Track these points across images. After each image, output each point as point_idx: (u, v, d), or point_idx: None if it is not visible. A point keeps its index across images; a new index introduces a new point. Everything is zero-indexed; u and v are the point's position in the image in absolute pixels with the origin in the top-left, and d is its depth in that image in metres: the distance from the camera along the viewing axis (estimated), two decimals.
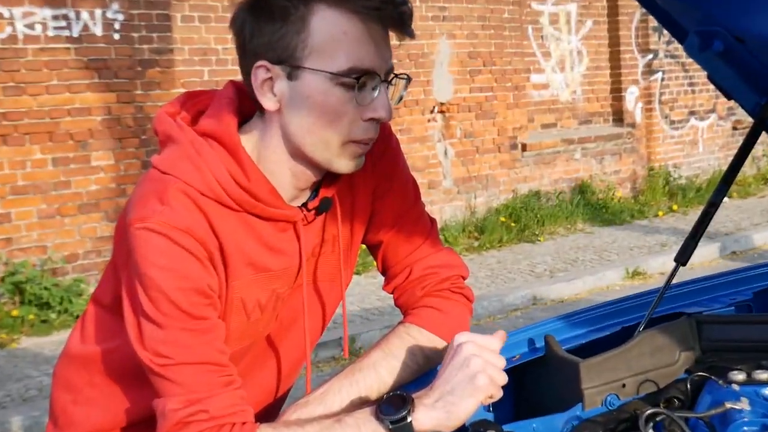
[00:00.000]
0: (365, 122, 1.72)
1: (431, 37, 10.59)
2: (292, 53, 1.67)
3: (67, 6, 8.04)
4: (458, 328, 1.90)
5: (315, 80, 1.68)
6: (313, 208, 1.85)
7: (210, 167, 1.72)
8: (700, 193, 12.85)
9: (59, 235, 8.13)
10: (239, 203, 1.75)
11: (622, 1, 12.53)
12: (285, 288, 1.89)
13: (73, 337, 2.00)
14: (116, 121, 8.35)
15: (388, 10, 1.66)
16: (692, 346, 2.01)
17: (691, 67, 13.34)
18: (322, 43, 1.66)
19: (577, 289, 8.72)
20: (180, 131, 1.76)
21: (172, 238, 1.66)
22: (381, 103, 1.72)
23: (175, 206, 1.68)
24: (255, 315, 1.85)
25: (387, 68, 1.72)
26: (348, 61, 1.66)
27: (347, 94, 1.68)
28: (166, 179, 1.72)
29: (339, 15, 1.65)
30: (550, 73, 12.12)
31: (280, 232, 1.82)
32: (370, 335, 7.17)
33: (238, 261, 1.76)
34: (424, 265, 2.01)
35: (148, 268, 1.66)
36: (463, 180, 10.97)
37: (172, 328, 1.68)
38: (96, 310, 1.95)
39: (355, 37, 1.66)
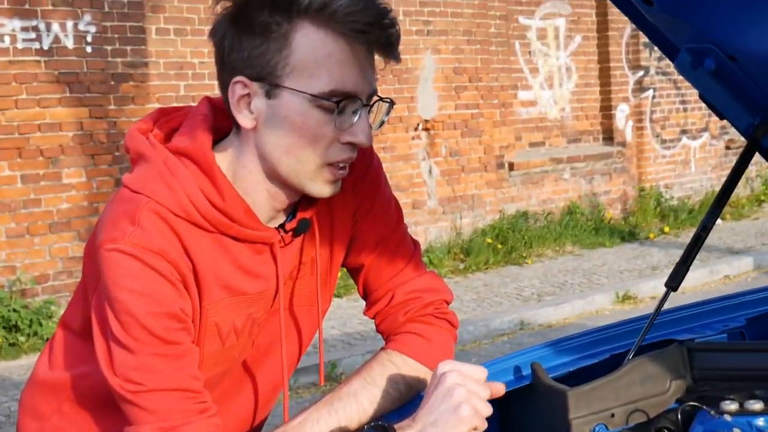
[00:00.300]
0: (343, 145, 1.71)
1: (415, 52, 10.58)
2: (271, 71, 1.66)
3: (38, 17, 8.01)
4: (442, 354, 1.91)
5: (294, 100, 1.67)
6: (291, 229, 1.84)
7: (183, 187, 1.71)
8: (693, 214, 12.94)
9: (29, 255, 8.07)
10: (213, 224, 1.73)
11: (612, 16, 12.57)
12: (261, 312, 1.87)
13: (41, 362, 1.98)
14: (88, 136, 8.31)
15: (375, 34, 1.65)
16: (683, 375, 2.00)
17: (683, 84, 13.40)
18: (304, 62, 1.65)
19: (565, 313, 8.73)
20: (152, 149, 1.75)
21: (144, 260, 1.66)
22: (361, 128, 1.70)
23: (147, 227, 1.67)
24: (230, 340, 1.84)
25: (370, 92, 1.71)
26: (330, 83, 1.65)
27: (326, 116, 1.67)
28: (137, 199, 1.71)
29: (324, 35, 1.64)
30: (538, 90, 12.15)
31: (256, 255, 1.81)
32: (352, 360, 7.14)
33: (213, 284, 1.75)
34: (407, 289, 1.99)
35: (118, 292, 1.66)
36: (448, 200, 10.96)
37: (143, 354, 1.67)
38: (65, 335, 1.94)
39: (339, 60, 1.65)
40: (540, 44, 12.12)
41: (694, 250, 2.14)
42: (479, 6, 11.12)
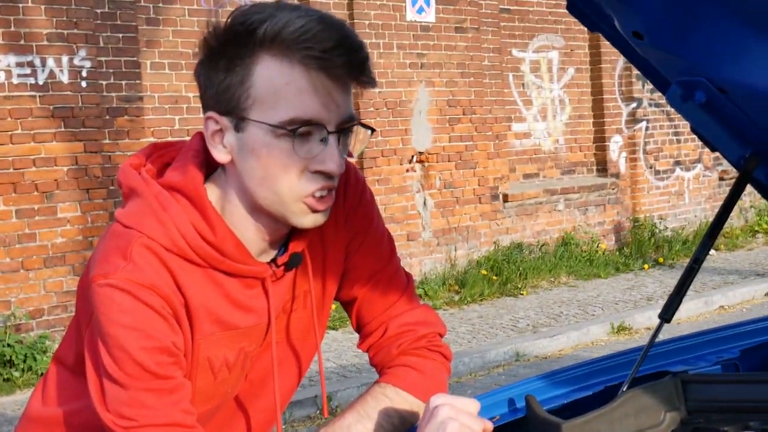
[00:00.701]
0: (314, 174, 1.68)
1: (409, 84, 10.58)
2: (236, 104, 1.66)
3: (33, 53, 8.00)
4: (435, 387, 1.90)
5: (258, 132, 1.66)
6: (283, 263, 1.82)
7: (175, 222, 1.71)
8: (687, 245, 12.92)
9: (23, 290, 8.05)
10: (205, 259, 1.73)
11: (605, 48, 12.58)
12: (254, 346, 1.86)
13: (34, 398, 1.96)
14: (83, 171, 8.30)
15: (336, 59, 1.63)
16: (678, 407, 1.98)
17: (676, 116, 13.36)
18: (265, 94, 1.65)
19: (561, 344, 8.70)
20: (144, 184, 1.74)
21: (136, 295, 1.65)
22: (329, 156, 1.67)
23: (139, 262, 1.67)
24: (222, 374, 1.83)
25: (339, 119, 1.68)
26: (289, 112, 1.64)
27: (291, 146, 1.65)
28: (129, 234, 1.70)
29: (281, 65, 1.63)
30: (532, 122, 12.16)
31: (247, 289, 1.79)
32: (348, 393, 7.10)
33: (205, 318, 1.74)
34: (400, 322, 1.98)
35: (110, 327, 1.65)
36: (443, 232, 10.93)
37: (135, 389, 1.65)
38: (58, 370, 1.92)
39: (298, 88, 1.64)
40: (533, 77, 12.15)
41: (687, 281, 2.13)
42: (473, 39, 11.15)
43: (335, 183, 1.71)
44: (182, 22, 9.00)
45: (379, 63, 10.19)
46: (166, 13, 8.92)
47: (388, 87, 10.33)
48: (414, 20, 10.64)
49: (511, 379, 7.57)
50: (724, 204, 2.16)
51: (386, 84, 10.31)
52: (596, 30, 2.11)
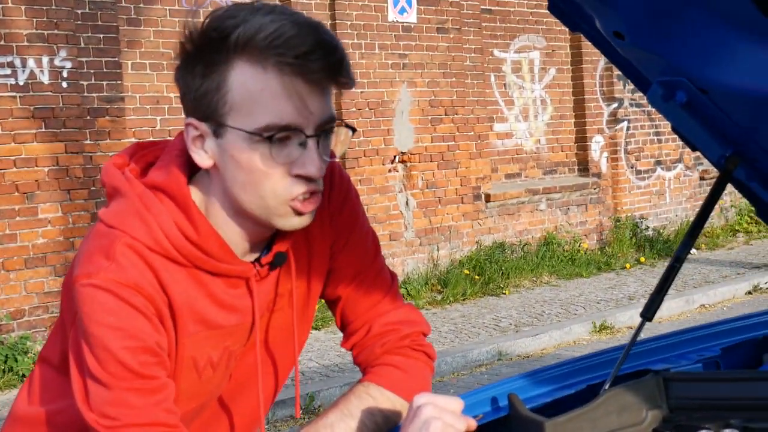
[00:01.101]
0: (295, 178, 1.67)
1: (391, 85, 10.58)
2: (214, 110, 1.66)
3: (13, 53, 7.96)
4: (419, 386, 1.91)
5: (236, 139, 1.65)
6: (267, 263, 1.82)
7: (158, 221, 1.71)
8: (668, 244, 12.94)
9: (4, 291, 8.01)
10: (188, 259, 1.72)
11: (586, 48, 12.61)
12: (238, 345, 1.86)
13: (20, 397, 1.96)
14: (64, 171, 8.27)
15: (312, 63, 1.61)
16: (659, 405, 1.98)
17: (656, 116, 13.42)
18: (240, 100, 1.64)
19: (543, 344, 8.70)
20: (127, 184, 1.74)
21: (119, 294, 1.65)
22: (309, 159, 1.66)
23: (122, 262, 1.67)
24: (207, 373, 1.83)
25: (317, 122, 1.67)
26: (265, 118, 1.63)
27: (269, 152, 1.65)
28: (112, 234, 1.70)
29: (255, 71, 1.62)
30: (514, 122, 12.17)
31: (231, 288, 1.79)
32: (330, 393, 7.10)
33: (188, 318, 1.74)
34: (384, 321, 1.98)
35: (94, 327, 1.65)
36: (425, 231, 10.94)
37: (119, 389, 1.65)
38: (43, 370, 1.92)
39: (272, 93, 1.63)
40: (515, 77, 12.16)
41: (668, 280, 2.13)
42: (454, 39, 11.16)
43: (319, 185, 1.71)
44: (163, 23, 8.97)
45: (360, 63, 10.19)
46: (147, 14, 8.89)
47: (370, 87, 10.33)
48: (396, 21, 10.64)
49: (494, 378, 7.58)
50: (705, 203, 2.17)
51: (368, 84, 10.30)
52: (577, 30, 2.11)
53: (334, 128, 1.72)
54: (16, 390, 7.45)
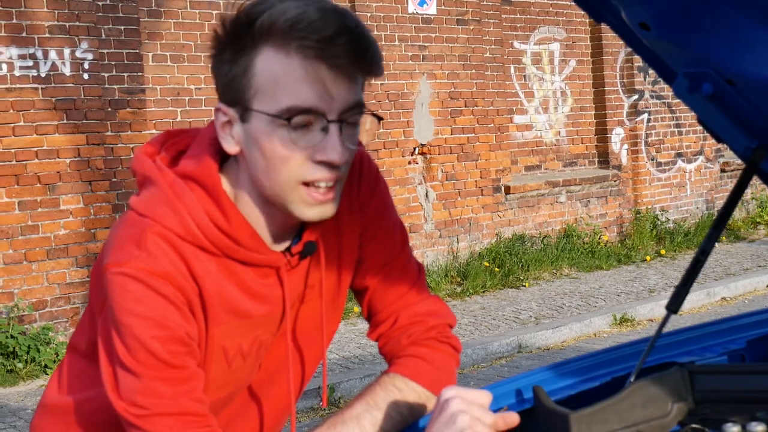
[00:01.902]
0: (316, 164, 1.66)
1: (411, 77, 10.56)
2: (241, 95, 1.66)
3: (35, 45, 7.98)
4: (444, 378, 1.92)
5: (260, 122, 1.65)
6: (297, 252, 1.81)
7: (189, 210, 1.70)
8: (689, 237, 12.92)
9: (26, 282, 8.04)
10: (219, 248, 1.72)
11: (607, 40, 12.56)
12: (268, 335, 1.86)
13: (51, 386, 1.98)
14: (86, 163, 8.29)
15: (332, 49, 1.61)
16: (685, 397, 1.95)
17: (677, 107, 13.39)
18: (265, 84, 1.64)
19: (563, 336, 8.69)
20: (158, 173, 1.74)
21: (149, 284, 1.65)
22: (330, 144, 1.65)
23: (153, 251, 1.67)
24: (237, 363, 1.83)
25: (341, 108, 1.65)
26: (287, 101, 1.63)
27: (291, 135, 1.64)
28: (143, 222, 1.70)
29: (281, 56, 1.62)
30: (534, 114, 12.14)
31: (262, 278, 1.79)
32: (350, 384, 7.13)
33: (219, 307, 1.74)
34: (411, 312, 1.98)
35: (124, 316, 1.65)
36: (445, 224, 10.92)
37: (148, 378, 1.66)
38: (72, 358, 1.93)
39: (296, 77, 1.62)
40: (535, 69, 12.13)
41: (693, 273, 2.09)
42: (474, 31, 11.14)
43: (341, 173, 1.69)
44: (184, 14, 8.99)
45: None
46: (167, 5, 8.90)
47: (390, 79, 10.32)
48: (416, 12, 10.63)
49: (514, 370, 7.59)
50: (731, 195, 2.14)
51: (388, 76, 10.30)
52: (602, 21, 2.09)
53: (361, 117, 1.71)
54: (39, 380, 7.51)
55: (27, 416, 6.64)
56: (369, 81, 1.72)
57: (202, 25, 8.95)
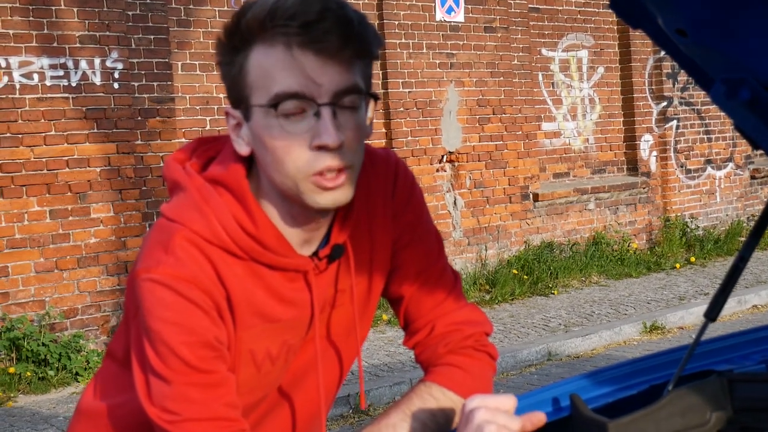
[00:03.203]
0: (317, 152, 1.66)
1: (439, 84, 10.56)
2: (241, 95, 1.69)
3: (66, 55, 8.03)
4: (481, 387, 1.92)
5: (258, 116, 1.68)
6: (325, 256, 1.82)
7: (217, 215, 1.72)
8: (719, 244, 12.84)
9: (57, 290, 8.09)
10: (247, 252, 1.73)
11: (635, 47, 12.52)
12: (297, 339, 1.86)
13: (86, 392, 2.00)
14: (116, 172, 8.33)
15: (313, 33, 1.61)
16: (724, 406, 1.96)
17: (707, 114, 13.30)
18: (257, 78, 1.67)
19: (593, 344, 8.65)
20: (187, 178, 1.76)
21: (177, 289, 1.66)
22: (323, 128, 1.64)
23: (180, 255, 1.68)
24: (265, 367, 1.84)
25: (332, 91, 1.65)
26: (275, 89, 1.65)
27: (284, 123, 1.66)
28: (172, 227, 1.72)
29: (267, 49, 1.65)
30: (562, 121, 12.10)
31: (290, 282, 1.80)
32: (379, 392, 7.13)
33: (247, 311, 1.74)
34: (448, 321, 1.98)
35: (153, 322, 1.66)
36: (473, 231, 10.91)
37: (179, 384, 1.67)
38: (108, 364, 1.96)
39: (281, 66, 1.64)
40: (563, 76, 12.10)
41: (731, 280, 2.09)
42: (502, 39, 11.13)
43: (346, 159, 1.68)
44: (213, 24, 9.03)
45: (408, 63, 10.19)
46: (197, 15, 8.95)
47: (417, 87, 10.33)
48: (443, 20, 10.62)
49: (544, 378, 7.55)
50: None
51: (416, 84, 10.30)
52: (638, 27, 2.08)
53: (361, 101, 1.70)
54: (70, 388, 7.54)
55: (59, 423, 6.67)
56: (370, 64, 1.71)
57: None
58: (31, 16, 7.84)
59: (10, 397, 7.27)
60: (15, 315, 7.80)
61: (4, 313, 7.77)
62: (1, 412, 6.97)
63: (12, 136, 7.77)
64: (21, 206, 7.85)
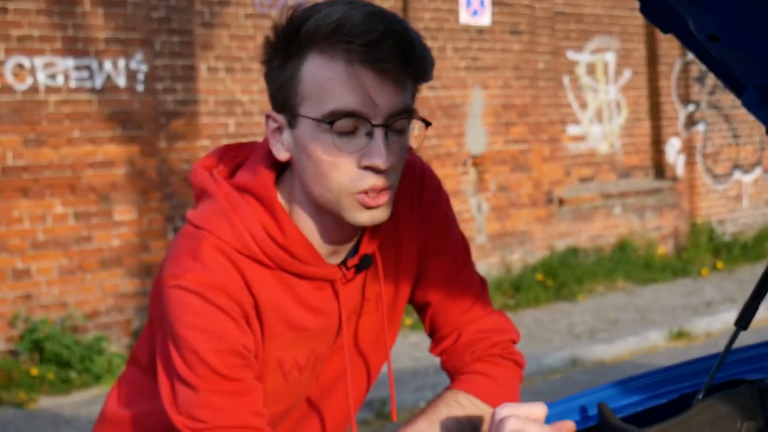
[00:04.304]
0: (363, 170, 1.66)
1: (464, 87, 10.54)
2: (288, 101, 1.68)
3: (90, 56, 8.07)
4: (508, 395, 1.93)
5: (307, 127, 1.67)
6: (353, 265, 1.82)
7: (244, 223, 1.71)
8: (746, 249, 12.79)
9: (80, 292, 8.11)
10: (274, 261, 1.73)
11: (662, 50, 12.47)
12: (324, 348, 1.87)
13: (111, 398, 2.01)
14: (139, 174, 8.34)
15: (377, 53, 1.61)
16: (755, 416, 1.96)
17: (735, 118, 13.24)
18: (310, 89, 1.65)
19: (618, 350, 8.59)
20: (215, 185, 1.76)
21: (206, 296, 1.66)
22: (375, 149, 1.64)
23: (209, 263, 1.68)
24: (293, 376, 1.84)
25: (387, 112, 1.65)
26: (331, 105, 1.64)
27: (336, 140, 1.65)
28: (199, 235, 1.72)
29: (326, 60, 1.63)
30: (588, 125, 12.06)
31: (317, 291, 1.80)
32: (403, 397, 7.10)
33: (275, 320, 1.74)
34: (474, 328, 1.98)
35: (181, 329, 1.66)
36: (497, 236, 10.88)
37: (206, 391, 1.67)
38: (133, 371, 1.97)
39: (339, 81, 1.63)
40: (589, 79, 12.05)
41: (763, 287, 2.08)
42: (527, 42, 11.09)
43: (390, 180, 1.69)
44: (237, 26, 9.03)
45: None
46: (221, 17, 8.95)
47: (442, 90, 10.31)
48: (468, 23, 10.60)
49: (568, 384, 7.51)
50: None
51: (441, 87, 10.28)
52: (669, 32, 2.07)
53: (410, 123, 1.71)
54: (92, 390, 7.56)
55: (80, 426, 6.68)
56: (418, 86, 1.71)
57: (254, 37, 8.99)
58: (55, 18, 7.87)
59: (33, 398, 7.28)
60: (38, 317, 7.81)
61: (27, 314, 7.79)
62: (24, 414, 6.99)
63: (36, 138, 7.79)
64: (44, 207, 7.87)
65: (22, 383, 7.44)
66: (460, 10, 10.51)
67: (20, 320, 7.74)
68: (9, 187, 7.69)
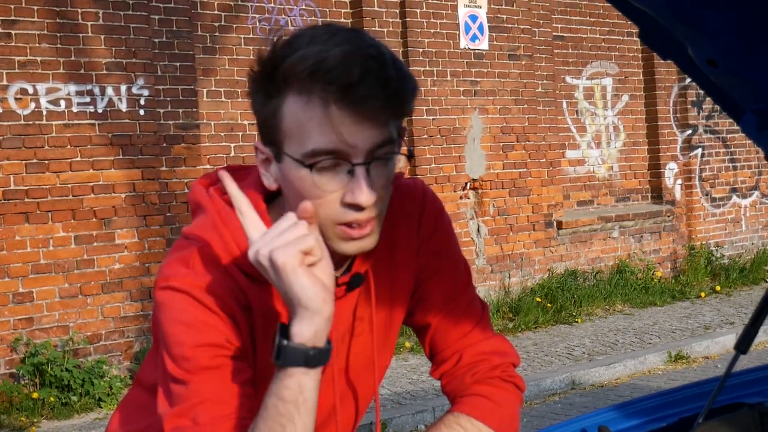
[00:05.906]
0: (347, 206, 1.66)
1: (462, 112, 10.57)
2: (274, 136, 1.69)
3: (92, 81, 8.10)
4: (508, 418, 1.93)
5: (290, 165, 1.67)
6: (343, 283, 1.81)
7: (234, 237, 1.74)
8: (744, 273, 12.76)
9: (81, 315, 8.11)
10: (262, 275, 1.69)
11: (659, 75, 12.50)
12: None
13: (113, 418, 2.03)
14: (141, 198, 8.36)
15: (352, 95, 1.59)
16: None
17: (732, 142, 13.27)
18: (291, 128, 1.65)
19: (617, 373, 8.58)
20: (209, 201, 1.79)
21: (192, 294, 1.69)
22: (357, 187, 1.64)
23: (199, 270, 1.71)
24: None
25: (366, 149, 1.64)
26: (311, 145, 1.64)
27: (317, 178, 1.65)
28: (191, 245, 1.75)
29: (302, 101, 1.63)
30: (586, 149, 12.08)
31: None
32: (402, 420, 7.08)
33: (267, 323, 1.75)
34: (475, 351, 1.98)
35: (168, 325, 1.69)
36: (496, 259, 10.89)
37: (194, 383, 1.68)
38: (135, 391, 1.99)
39: (318, 122, 1.63)
40: (587, 103, 12.09)
41: (762, 312, 2.08)
42: (526, 66, 11.14)
43: (375, 211, 1.69)
44: (238, 51, 9.08)
45: (432, 90, 10.21)
46: (222, 42, 9.00)
47: (441, 114, 10.34)
48: (467, 48, 10.65)
49: (567, 407, 7.50)
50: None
51: (440, 111, 10.32)
52: (669, 58, 2.09)
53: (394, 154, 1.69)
54: (93, 413, 7.54)
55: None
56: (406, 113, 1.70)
57: None
58: (58, 43, 7.91)
59: (33, 422, 7.27)
60: (39, 340, 7.81)
61: (28, 338, 7.78)
62: None
63: (38, 162, 7.83)
64: (46, 232, 7.89)
65: (23, 407, 7.43)
66: (459, 35, 10.56)
67: (21, 344, 7.74)
68: (11, 211, 7.71)
